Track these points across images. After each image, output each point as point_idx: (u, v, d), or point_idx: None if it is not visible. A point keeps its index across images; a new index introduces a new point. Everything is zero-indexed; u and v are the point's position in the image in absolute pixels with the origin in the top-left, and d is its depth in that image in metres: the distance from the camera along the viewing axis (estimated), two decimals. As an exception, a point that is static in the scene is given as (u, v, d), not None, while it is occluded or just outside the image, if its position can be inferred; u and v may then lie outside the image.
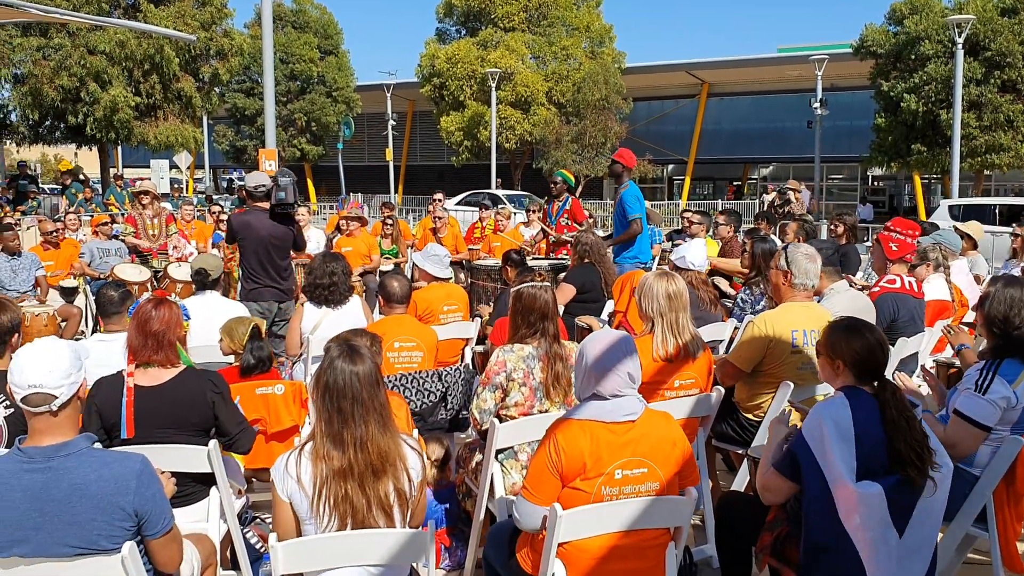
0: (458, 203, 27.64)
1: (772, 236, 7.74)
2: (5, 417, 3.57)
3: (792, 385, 4.21)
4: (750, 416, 4.49)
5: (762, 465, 3.29)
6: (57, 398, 2.59)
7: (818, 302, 4.78)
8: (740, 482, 4.42)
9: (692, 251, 6.12)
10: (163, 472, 3.01)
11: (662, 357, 4.06)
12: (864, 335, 3.07)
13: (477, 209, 12.55)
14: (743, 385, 4.51)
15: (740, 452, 4.63)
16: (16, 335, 3.89)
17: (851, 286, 5.69)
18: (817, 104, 29.92)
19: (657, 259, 9.28)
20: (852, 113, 36.03)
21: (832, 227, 8.42)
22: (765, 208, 14.95)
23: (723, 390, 4.16)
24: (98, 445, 2.84)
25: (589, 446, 2.92)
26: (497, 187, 32.33)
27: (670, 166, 44.25)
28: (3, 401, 3.58)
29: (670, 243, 9.65)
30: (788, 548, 3.19)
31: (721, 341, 5.78)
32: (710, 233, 9.32)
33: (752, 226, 9.74)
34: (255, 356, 4.73)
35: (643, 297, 4.14)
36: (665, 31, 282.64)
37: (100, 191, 22.16)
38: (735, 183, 43.39)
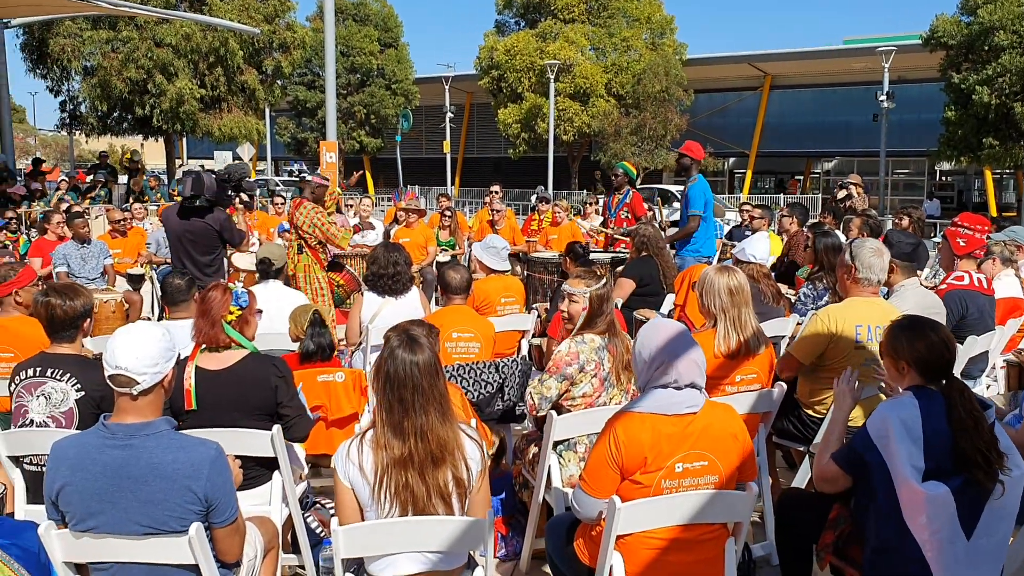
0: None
1: (836, 231, 7.58)
2: (76, 400, 3.68)
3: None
4: (811, 413, 4.41)
5: (820, 453, 3.24)
6: (139, 384, 2.66)
7: (886, 298, 4.67)
8: (801, 479, 4.35)
9: (753, 244, 6.03)
10: (230, 455, 3.07)
11: (723, 353, 4.01)
12: (927, 334, 3.00)
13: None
14: (805, 381, 4.43)
15: (801, 449, 4.55)
16: (88, 320, 4.00)
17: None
18: (884, 97, 29.23)
19: (719, 253, 9.17)
20: (920, 106, 35.14)
21: (896, 220, 8.23)
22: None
23: (785, 386, 4.10)
24: None
25: (650, 439, 2.90)
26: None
27: (731, 159, 43.68)
28: (75, 385, 3.69)
29: (731, 239, 9.54)
30: (851, 547, 3.14)
31: (784, 336, 5.69)
32: (772, 227, 9.17)
33: (816, 220, 9.56)
34: (315, 343, 4.80)
35: (704, 293, 4.09)
36: (727, 22, 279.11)
37: (166, 181, 22.66)
38: (797, 177, 42.69)
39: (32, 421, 3.67)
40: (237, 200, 7.72)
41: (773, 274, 6.47)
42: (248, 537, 3.01)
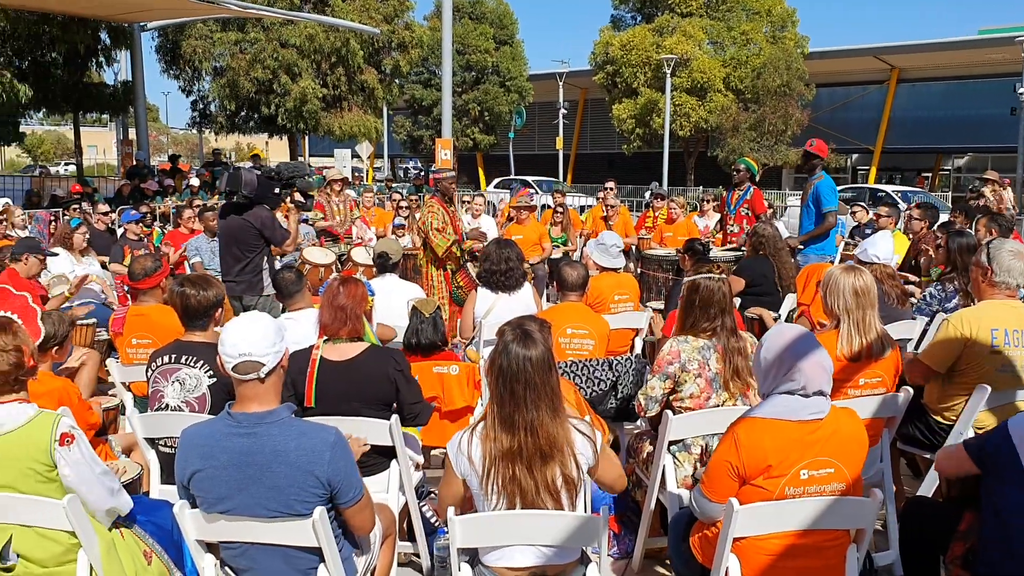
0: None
1: (969, 230, 7.23)
2: (209, 386, 3.86)
3: (989, 388, 3.94)
4: (940, 419, 4.23)
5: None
6: (264, 365, 2.76)
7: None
8: (928, 487, 4.17)
9: (876, 244, 5.80)
10: (351, 436, 3.16)
11: (847, 356, 3.88)
12: None
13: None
14: (934, 386, 4.25)
15: (928, 457, 4.37)
16: (219, 310, 4.19)
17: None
18: (1023, 89, 27.64)
19: (840, 250, 8.88)
20: (1062, 98, 33.04)
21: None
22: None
23: (911, 391, 3.94)
24: None
25: (774, 445, 2.85)
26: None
27: (854, 155, 42.16)
28: (208, 371, 3.87)
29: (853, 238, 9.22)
30: (982, 560, 2.99)
31: (909, 339, 5.46)
32: (899, 226, 8.81)
33: (946, 219, 9.14)
34: (424, 337, 4.90)
35: (829, 292, 3.97)
36: (852, 14, 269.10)
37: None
38: (925, 175, 40.85)
39: (167, 405, 3.87)
40: (289, 199, 7.53)
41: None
42: None
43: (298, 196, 7.58)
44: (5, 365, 2.96)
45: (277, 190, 7.15)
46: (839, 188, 9.24)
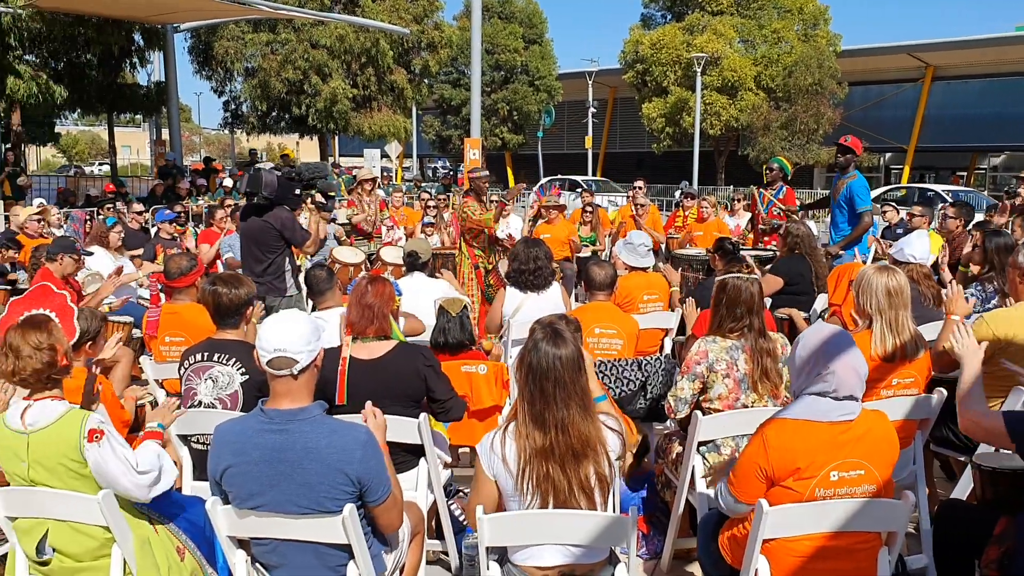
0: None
1: (1006, 230, 7.12)
2: (241, 384, 3.90)
3: (1026, 390, 3.87)
4: (975, 421, 4.16)
5: (962, 404, 3.05)
6: (298, 363, 2.78)
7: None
8: (962, 490, 4.11)
9: (912, 244, 5.72)
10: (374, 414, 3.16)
11: (879, 356, 3.84)
12: None
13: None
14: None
15: (962, 459, 4.30)
16: (250, 308, 4.24)
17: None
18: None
19: (873, 250, 8.78)
20: (1103, 96, 32.48)
21: None
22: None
23: (945, 393, 3.88)
24: None
25: (803, 446, 2.82)
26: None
27: (887, 154, 41.66)
28: (240, 369, 3.90)
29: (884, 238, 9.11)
30: (1018, 564, 2.94)
31: (943, 341, 5.39)
32: (933, 226, 8.70)
33: (982, 219, 9.01)
34: (452, 337, 4.91)
35: (861, 292, 3.93)
36: (886, 11, 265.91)
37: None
38: (960, 173, 40.28)
39: (200, 403, 3.91)
40: (310, 200, 7.44)
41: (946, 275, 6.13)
42: None
43: (319, 197, 7.53)
44: (38, 364, 3.00)
45: (298, 191, 7.09)
46: (874, 189, 9.13)
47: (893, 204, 11.83)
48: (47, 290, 3.90)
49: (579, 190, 13.90)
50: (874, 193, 21.52)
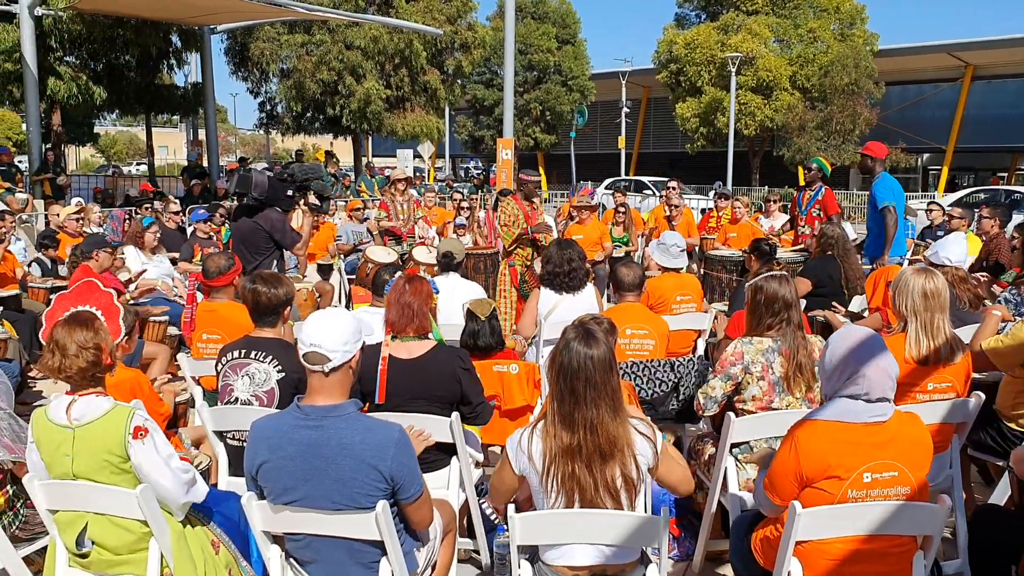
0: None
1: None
2: (277, 381, 3.95)
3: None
4: (1013, 426, 4.11)
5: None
6: (331, 361, 2.82)
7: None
8: (1000, 496, 4.06)
9: (948, 246, 5.65)
10: (412, 428, 3.20)
11: (914, 359, 3.80)
12: None
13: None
14: (1007, 391, 4.14)
15: (1000, 464, 4.25)
16: (288, 307, 4.29)
17: None
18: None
19: (910, 253, 8.67)
20: None
21: None
22: None
23: (983, 396, 3.84)
24: None
25: (834, 448, 2.81)
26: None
27: (925, 155, 41.08)
28: (276, 367, 3.95)
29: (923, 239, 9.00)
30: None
31: (981, 344, 5.31)
32: (971, 228, 8.57)
33: (1022, 220, 8.86)
34: (483, 341, 4.93)
35: (898, 293, 3.89)
36: (924, 10, 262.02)
37: (352, 178, 23.79)
38: (1000, 174, 39.61)
39: (237, 399, 3.96)
40: (302, 202, 7.40)
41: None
42: None
43: (313, 199, 7.50)
44: (83, 362, 3.06)
45: (290, 192, 7.07)
46: (917, 190, 9.00)
47: (939, 204, 11.64)
48: (93, 286, 3.96)
49: (645, 191, 13.60)
50: (953, 197, 21.20)
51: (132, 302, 7.06)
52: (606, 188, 28.58)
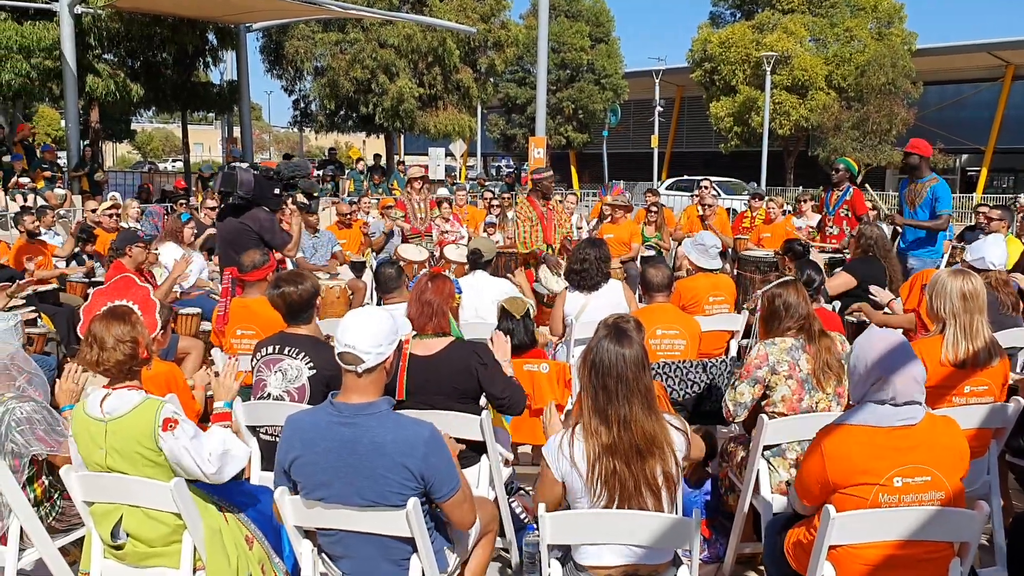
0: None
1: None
2: (309, 378, 3.97)
3: (1108, 401, 3.73)
4: (1054, 433, 4.03)
5: None
6: (364, 362, 2.84)
7: None
8: (1039, 504, 4.00)
9: (991, 249, 5.54)
10: (446, 435, 3.20)
11: (951, 361, 3.74)
12: None
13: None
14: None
15: (1039, 471, 4.17)
16: (318, 297, 4.32)
17: None
18: None
19: (947, 256, 8.54)
20: None
21: None
22: None
23: (1022, 401, 3.77)
24: None
25: (861, 452, 2.78)
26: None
27: (964, 156, 40.43)
28: (308, 363, 3.98)
29: (961, 242, 8.85)
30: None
31: (1021, 348, 5.22)
32: (1012, 230, 8.41)
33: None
34: (517, 339, 4.93)
35: (935, 295, 3.83)
36: (964, 8, 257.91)
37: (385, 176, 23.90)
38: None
39: (269, 395, 4.00)
40: (290, 200, 7.20)
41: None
42: None
43: (301, 197, 7.31)
44: (121, 355, 3.10)
45: (277, 191, 6.86)
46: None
47: (988, 206, 11.46)
48: (130, 281, 4.01)
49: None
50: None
51: (178, 302, 7.12)
52: (666, 188, 28.46)
